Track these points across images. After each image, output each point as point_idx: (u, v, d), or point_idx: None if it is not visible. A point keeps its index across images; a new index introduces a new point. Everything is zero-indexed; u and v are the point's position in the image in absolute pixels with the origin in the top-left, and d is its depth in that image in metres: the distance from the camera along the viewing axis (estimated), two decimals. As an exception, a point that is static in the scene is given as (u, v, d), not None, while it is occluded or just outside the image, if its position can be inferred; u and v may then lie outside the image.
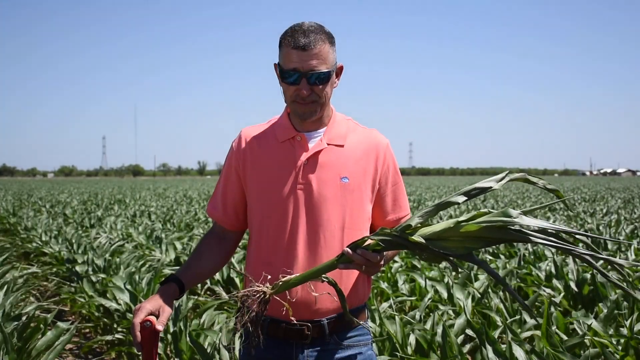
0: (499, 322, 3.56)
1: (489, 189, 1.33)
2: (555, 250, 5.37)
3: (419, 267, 5.49)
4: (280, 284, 1.43)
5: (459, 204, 1.37)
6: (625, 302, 3.73)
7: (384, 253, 1.43)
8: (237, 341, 2.02)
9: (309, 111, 1.58)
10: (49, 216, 12.13)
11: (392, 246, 1.38)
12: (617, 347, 2.99)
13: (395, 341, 3.12)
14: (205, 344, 3.19)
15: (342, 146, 1.65)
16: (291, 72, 1.53)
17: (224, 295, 4.85)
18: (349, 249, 1.40)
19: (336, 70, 1.60)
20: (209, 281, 5.28)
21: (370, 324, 3.11)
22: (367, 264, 1.40)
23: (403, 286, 4.73)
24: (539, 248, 6.01)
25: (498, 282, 1.27)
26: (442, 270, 5.00)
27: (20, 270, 5.50)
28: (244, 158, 1.68)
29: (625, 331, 3.25)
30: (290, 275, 1.44)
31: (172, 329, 3.41)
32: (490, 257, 5.91)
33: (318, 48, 1.51)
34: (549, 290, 4.40)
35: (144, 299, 4.19)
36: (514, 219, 1.25)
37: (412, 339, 3.21)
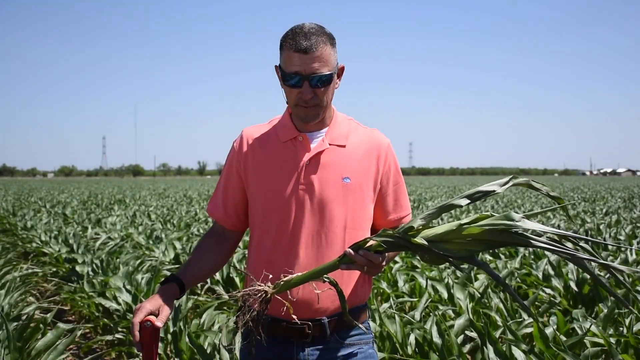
0: (499, 322, 3.56)
1: (492, 193, 1.34)
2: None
3: (419, 267, 5.49)
4: (282, 283, 1.43)
5: (461, 207, 1.38)
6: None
7: (385, 254, 1.43)
8: (238, 340, 2.02)
9: (312, 114, 1.59)
10: (49, 216, 12.13)
11: (394, 247, 1.39)
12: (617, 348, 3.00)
13: (395, 341, 3.12)
14: (205, 344, 3.20)
15: (343, 146, 1.65)
16: (293, 75, 1.53)
17: (224, 295, 4.85)
18: (351, 250, 1.40)
19: (337, 71, 1.60)
20: (209, 281, 5.27)
21: (370, 323, 3.11)
22: (369, 265, 1.40)
23: (403, 286, 4.73)
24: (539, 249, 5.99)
25: (499, 283, 1.27)
26: (441, 270, 4.99)
27: (20, 271, 5.50)
28: (245, 158, 1.68)
29: (625, 331, 3.26)
30: (292, 275, 1.44)
31: (172, 329, 3.41)
32: (491, 257, 5.91)
33: (320, 50, 1.51)
34: (548, 291, 4.40)
35: (144, 298, 4.19)
36: (517, 223, 1.26)
37: (412, 338, 3.22)
